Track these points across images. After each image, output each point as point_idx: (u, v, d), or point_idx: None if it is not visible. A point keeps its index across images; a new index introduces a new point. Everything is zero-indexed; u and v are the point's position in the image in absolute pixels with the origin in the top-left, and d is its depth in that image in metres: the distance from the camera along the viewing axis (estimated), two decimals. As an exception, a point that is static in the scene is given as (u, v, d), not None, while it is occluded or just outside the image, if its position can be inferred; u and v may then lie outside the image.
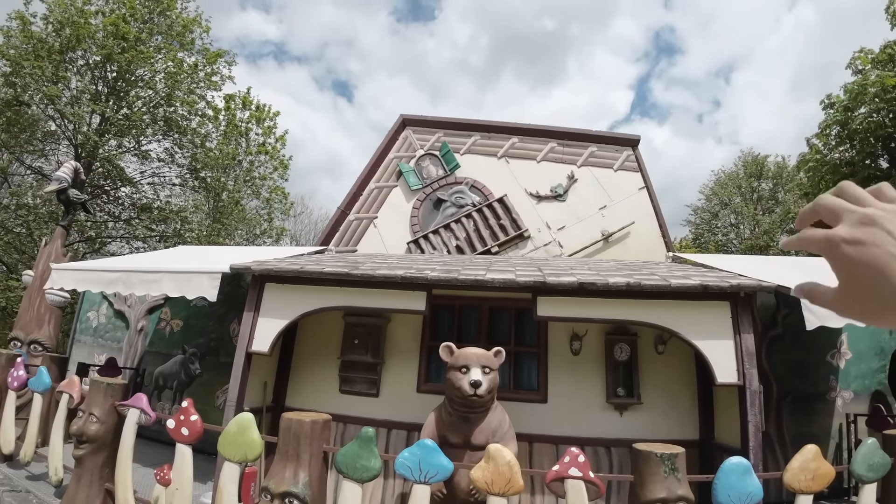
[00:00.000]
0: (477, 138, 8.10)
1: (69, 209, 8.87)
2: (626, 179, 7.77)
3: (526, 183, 7.76)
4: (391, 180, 8.11)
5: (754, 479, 3.40)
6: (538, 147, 7.99)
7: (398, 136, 8.35)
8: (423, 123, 8.37)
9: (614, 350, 5.64)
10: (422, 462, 3.54)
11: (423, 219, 7.81)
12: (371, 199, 8.06)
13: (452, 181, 7.92)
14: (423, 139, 8.26)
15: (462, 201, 7.77)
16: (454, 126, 8.27)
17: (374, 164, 8.17)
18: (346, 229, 7.96)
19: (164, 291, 5.35)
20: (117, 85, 16.42)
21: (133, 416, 4.54)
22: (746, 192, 26.73)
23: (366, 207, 8.02)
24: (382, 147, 8.26)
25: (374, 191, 8.08)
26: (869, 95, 13.92)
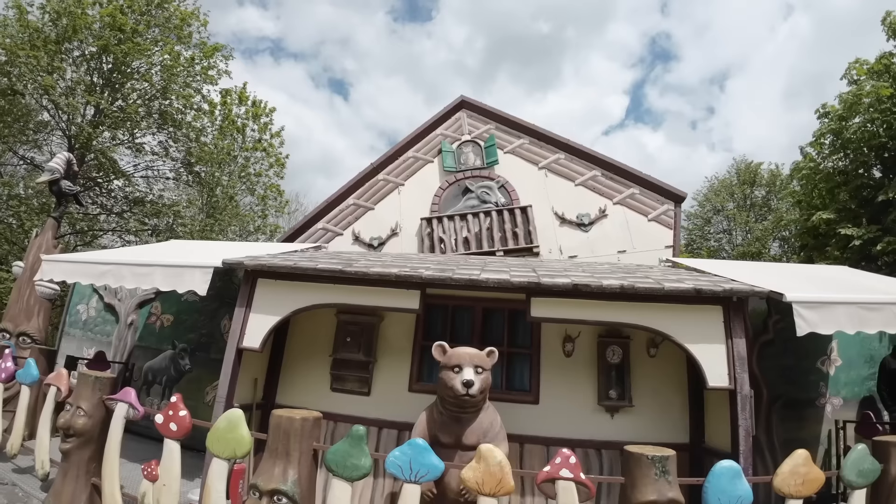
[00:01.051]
0: (525, 142, 7.97)
1: (61, 201, 8.79)
2: (657, 232, 7.61)
3: (555, 201, 7.65)
4: (429, 154, 8.08)
5: (744, 483, 3.41)
6: (581, 170, 7.82)
7: (451, 116, 8.27)
8: (479, 111, 8.26)
9: (607, 352, 5.64)
10: (412, 461, 3.52)
11: (444, 201, 7.79)
12: (404, 166, 8.06)
13: (486, 175, 7.83)
14: (474, 125, 8.19)
15: (487, 197, 7.70)
16: (508, 123, 8.15)
17: (418, 135, 8.14)
18: (371, 186, 8.02)
19: (155, 285, 5.30)
20: (113, 76, 16.31)
21: (121, 411, 4.50)
22: (739, 198, 26.87)
23: (396, 172, 8.04)
24: (432, 121, 8.21)
25: (410, 159, 8.08)
26: (863, 105, 14.03)
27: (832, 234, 14.28)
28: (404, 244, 7.75)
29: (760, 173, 26.33)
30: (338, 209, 8.12)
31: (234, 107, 19.74)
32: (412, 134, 8.18)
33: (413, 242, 7.73)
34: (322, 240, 8.07)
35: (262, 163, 20.88)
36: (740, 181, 26.89)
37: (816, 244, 15.39)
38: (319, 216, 8.18)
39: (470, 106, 8.27)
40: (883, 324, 4.46)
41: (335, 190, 8.31)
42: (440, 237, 7.46)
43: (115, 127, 16.24)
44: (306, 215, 8.36)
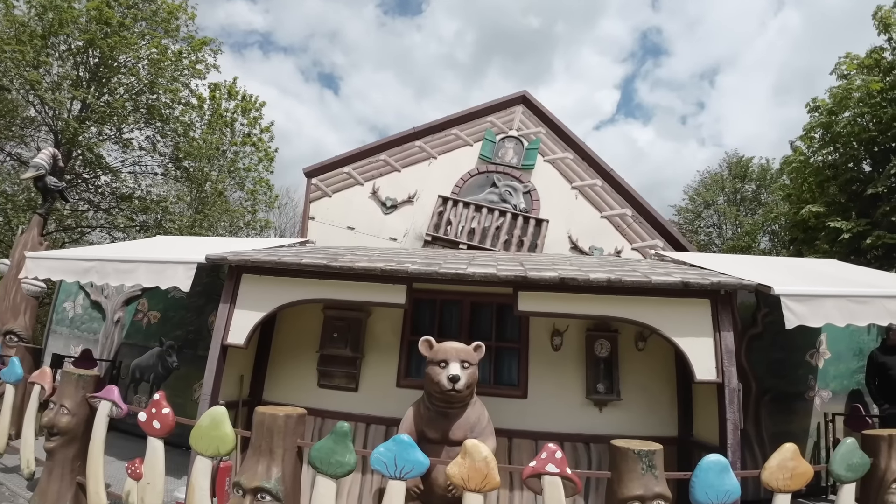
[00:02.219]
0: (568, 156, 7.70)
1: (47, 197, 8.68)
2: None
3: (574, 225, 7.38)
4: (471, 137, 7.92)
5: (732, 477, 3.39)
6: (612, 204, 7.51)
7: (506, 107, 8.07)
8: (536, 111, 8.01)
9: (595, 346, 5.63)
10: (397, 457, 3.49)
11: (468, 186, 7.66)
12: (442, 141, 7.93)
13: (516, 175, 7.65)
14: (524, 124, 7.98)
15: (509, 197, 7.52)
16: (559, 132, 7.84)
17: (466, 115, 8.00)
18: (405, 149, 7.91)
19: (138, 281, 5.23)
20: (99, 71, 16.11)
21: (104, 409, 4.44)
22: (730, 193, 26.97)
23: (434, 144, 7.90)
24: (485, 107, 8.04)
25: (451, 136, 7.94)
26: (853, 100, 14.10)
27: (821, 228, 14.35)
28: (416, 214, 7.60)
29: (751, 168, 26.42)
30: (367, 160, 7.95)
31: (223, 101, 19.57)
32: (461, 112, 8.03)
33: (423, 216, 7.57)
34: (342, 184, 7.89)
35: (252, 157, 20.73)
36: (731, 175, 26.97)
37: (806, 238, 15.47)
38: (347, 161, 7.99)
39: (529, 104, 8.04)
40: (873, 317, 4.46)
41: None
42: (449, 219, 7.38)
43: (101, 122, 16.05)
44: (336, 156, 8.14)
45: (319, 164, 7.98)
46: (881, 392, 6.16)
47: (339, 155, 8.09)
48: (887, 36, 14.01)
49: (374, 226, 7.61)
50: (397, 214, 7.67)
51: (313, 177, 7.89)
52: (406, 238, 7.49)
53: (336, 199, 7.79)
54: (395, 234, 7.56)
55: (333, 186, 7.86)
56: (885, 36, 14.09)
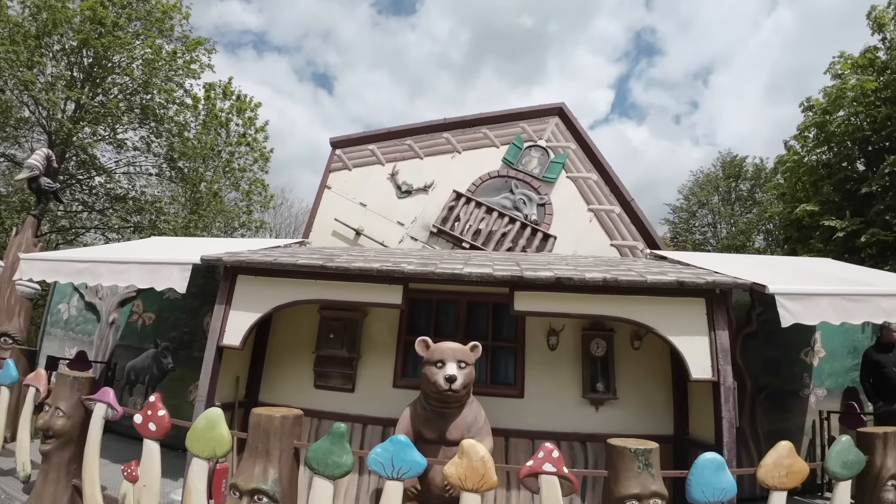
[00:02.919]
0: (593, 178, 7.46)
1: (40, 198, 8.65)
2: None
3: (581, 246, 7.13)
4: (499, 139, 7.82)
5: (728, 475, 3.40)
6: (625, 235, 7.14)
7: (540, 116, 7.93)
8: (570, 126, 7.82)
9: (591, 345, 5.64)
10: (394, 458, 3.48)
11: (484, 187, 7.57)
12: (470, 137, 7.86)
13: (535, 186, 7.50)
14: (555, 136, 7.79)
15: (522, 206, 7.39)
16: (588, 152, 7.60)
17: (499, 116, 7.91)
18: (431, 138, 7.86)
19: (132, 282, 5.21)
20: (93, 71, 16.04)
21: (100, 411, 4.43)
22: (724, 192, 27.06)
23: (460, 140, 7.84)
24: (520, 112, 7.94)
25: (480, 135, 7.86)
26: (847, 99, 14.16)
27: (816, 227, 14.41)
28: (428, 204, 7.53)
29: (745, 167, 26.50)
30: (392, 141, 7.91)
31: (218, 101, 19.52)
32: (494, 113, 7.94)
33: (435, 207, 7.49)
34: (364, 160, 7.87)
35: (247, 157, 20.69)
36: (725, 175, 27.06)
37: (800, 237, 15.53)
38: (374, 139, 7.96)
39: (564, 117, 7.85)
40: (868, 315, 4.48)
41: None
42: (459, 216, 7.35)
43: (95, 122, 16.01)
44: (364, 131, 8.16)
45: (346, 136, 8.00)
46: (876, 390, 6.20)
47: (366, 131, 8.13)
48: (881, 35, 14.08)
49: (386, 207, 7.56)
50: (410, 200, 7.61)
51: (338, 147, 7.91)
52: (413, 225, 7.44)
53: (355, 173, 7.78)
54: (404, 220, 7.49)
55: (355, 161, 7.85)
56: (879, 35, 14.16)
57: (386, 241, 7.32)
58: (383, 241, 7.32)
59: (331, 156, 7.89)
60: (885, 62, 13.78)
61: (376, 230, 7.36)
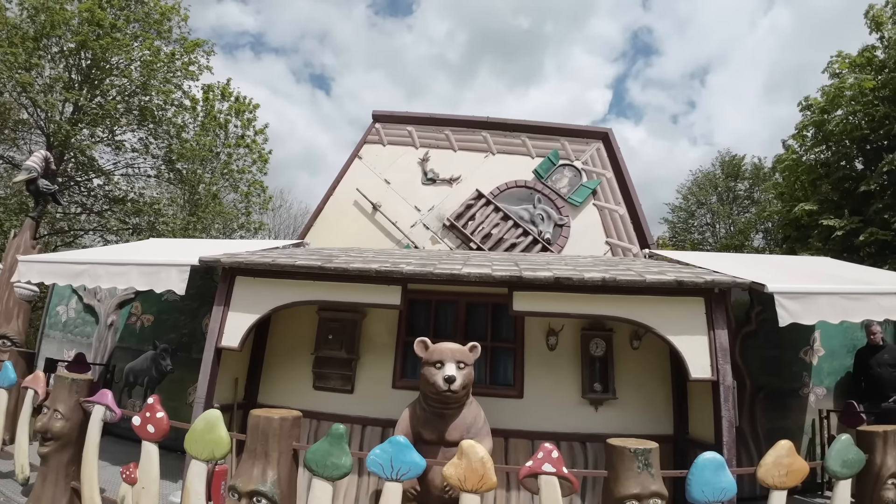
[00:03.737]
0: (619, 212, 7.30)
1: (39, 200, 8.63)
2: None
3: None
4: (535, 150, 7.74)
5: (728, 475, 3.40)
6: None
7: (582, 136, 7.77)
8: (611, 154, 7.58)
9: (590, 345, 5.64)
10: (393, 459, 3.47)
11: (508, 194, 7.52)
12: (507, 142, 7.83)
13: (558, 204, 7.38)
14: (593, 161, 7.59)
15: (539, 222, 7.28)
16: (623, 186, 7.37)
17: (540, 128, 7.85)
18: (470, 133, 7.87)
19: (131, 284, 5.21)
20: (91, 73, 16.02)
21: (98, 413, 4.41)
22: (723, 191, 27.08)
23: (497, 142, 7.82)
24: (564, 128, 7.82)
25: (518, 142, 7.81)
26: (845, 98, 14.17)
27: (814, 226, 14.42)
28: (449, 197, 7.56)
29: (744, 166, 26.53)
30: (430, 127, 7.94)
31: (216, 103, 19.50)
32: (538, 122, 7.88)
33: (455, 202, 7.51)
34: (399, 139, 7.93)
35: (246, 159, 20.67)
36: (724, 174, 27.08)
37: (799, 236, 15.54)
38: (414, 121, 8.00)
39: (608, 143, 7.66)
40: (867, 313, 4.48)
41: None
42: (475, 215, 7.36)
43: (93, 124, 15.98)
44: (406, 111, 8.19)
45: (389, 112, 8.12)
46: (866, 390, 6.22)
47: (408, 112, 8.18)
48: (879, 34, 14.10)
49: (408, 189, 7.61)
50: (433, 189, 7.64)
51: (378, 121, 8.01)
52: (429, 213, 7.46)
53: (388, 149, 7.84)
54: (422, 206, 7.52)
55: (391, 137, 7.92)
56: (877, 34, 14.18)
57: (399, 223, 7.39)
58: (397, 221, 7.39)
59: (370, 127, 8.03)
60: (883, 61, 13.80)
61: (393, 209, 7.45)
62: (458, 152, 7.81)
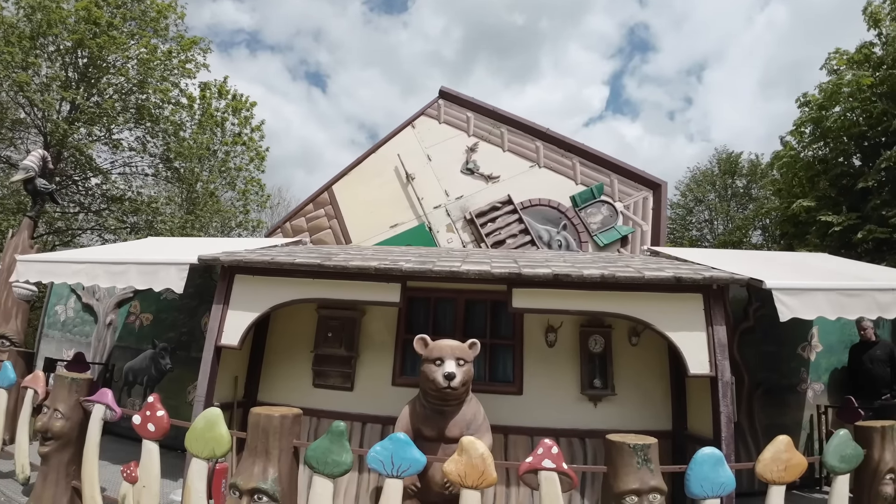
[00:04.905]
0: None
1: (36, 199, 8.62)
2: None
3: None
4: (581, 177, 7.62)
5: (727, 470, 3.42)
6: None
7: (636, 181, 7.56)
8: (655, 208, 7.40)
9: (589, 342, 5.65)
10: (394, 456, 3.49)
11: (537, 209, 7.48)
12: (557, 160, 7.73)
13: (583, 239, 7.27)
14: (636, 209, 7.40)
15: (554, 247, 7.22)
16: (656, 240, 7.27)
17: (595, 158, 7.67)
18: (522, 138, 7.83)
19: (130, 283, 5.20)
20: (88, 71, 16.00)
21: (98, 412, 4.42)
22: (721, 188, 27.10)
23: (548, 156, 7.76)
24: (617, 165, 7.61)
25: (568, 164, 7.70)
26: (843, 95, 14.18)
27: (812, 222, 14.44)
28: (479, 192, 7.61)
29: (741, 163, 26.55)
30: (489, 121, 7.93)
31: (213, 101, 19.48)
32: (596, 151, 7.69)
33: (483, 199, 7.55)
34: (455, 122, 7.96)
35: (243, 157, 20.65)
36: (721, 171, 27.09)
37: (796, 232, 15.57)
38: (476, 109, 8.01)
39: (657, 196, 7.45)
40: (864, 310, 4.49)
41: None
42: (497, 217, 7.39)
43: (91, 123, 15.97)
44: (473, 98, 8.17)
45: (456, 92, 8.16)
46: (860, 386, 6.25)
47: (474, 98, 8.19)
48: (877, 31, 14.11)
49: (445, 171, 7.65)
50: (468, 179, 7.68)
51: (442, 98, 8.05)
52: (455, 202, 7.51)
53: (441, 128, 7.90)
54: (451, 192, 7.56)
55: (448, 117, 7.96)
56: (874, 31, 14.18)
57: (425, 200, 7.49)
58: (423, 198, 7.50)
59: (432, 101, 8.12)
60: (881, 57, 13.81)
61: (424, 186, 7.53)
62: (505, 153, 7.79)
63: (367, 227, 7.84)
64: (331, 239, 7.95)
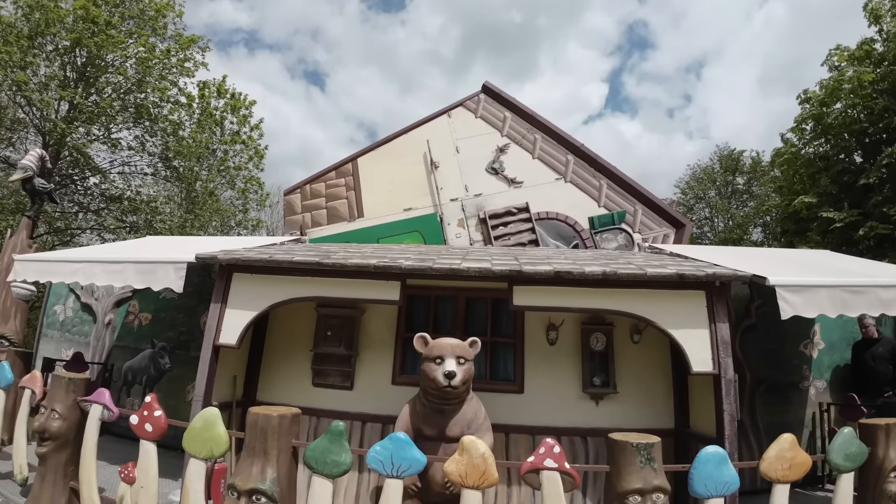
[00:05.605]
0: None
1: (35, 199, 8.59)
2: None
3: None
4: (606, 200, 7.54)
5: (731, 469, 3.38)
6: None
7: (658, 213, 7.48)
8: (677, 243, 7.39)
9: (590, 339, 5.61)
10: (394, 456, 3.45)
11: (552, 223, 7.43)
12: (585, 178, 7.64)
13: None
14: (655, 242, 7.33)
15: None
16: None
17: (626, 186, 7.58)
18: (554, 148, 7.75)
19: (127, 282, 5.16)
20: (87, 70, 15.97)
21: (96, 412, 4.39)
22: (721, 186, 27.06)
23: (577, 172, 7.67)
24: (646, 197, 7.53)
25: (595, 185, 7.60)
26: (844, 91, 14.14)
27: (813, 219, 14.41)
28: (499, 195, 7.60)
29: (742, 161, 26.50)
30: (526, 126, 7.87)
31: (212, 99, 19.44)
32: (625, 177, 7.58)
33: (502, 201, 7.54)
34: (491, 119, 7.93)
35: (242, 156, 20.61)
36: (722, 169, 27.06)
37: (797, 229, 15.53)
38: (514, 109, 7.96)
39: (679, 235, 7.43)
40: (866, 307, 4.45)
41: None
42: (509, 222, 7.35)
43: (89, 122, 15.92)
44: (514, 99, 8.14)
45: (499, 89, 8.13)
46: (863, 383, 6.22)
47: (515, 98, 8.15)
48: (878, 27, 14.06)
49: (469, 166, 7.62)
50: (490, 179, 7.65)
51: (484, 93, 8.04)
52: (472, 199, 7.50)
53: (476, 122, 7.89)
54: (470, 188, 7.54)
55: (484, 113, 7.93)
56: (875, 27, 14.14)
57: (443, 190, 7.46)
58: (442, 188, 7.47)
59: (473, 94, 8.11)
60: (882, 54, 13.77)
61: (445, 176, 7.52)
62: (534, 160, 7.73)
63: (382, 205, 7.86)
64: (344, 209, 7.95)
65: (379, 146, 8.03)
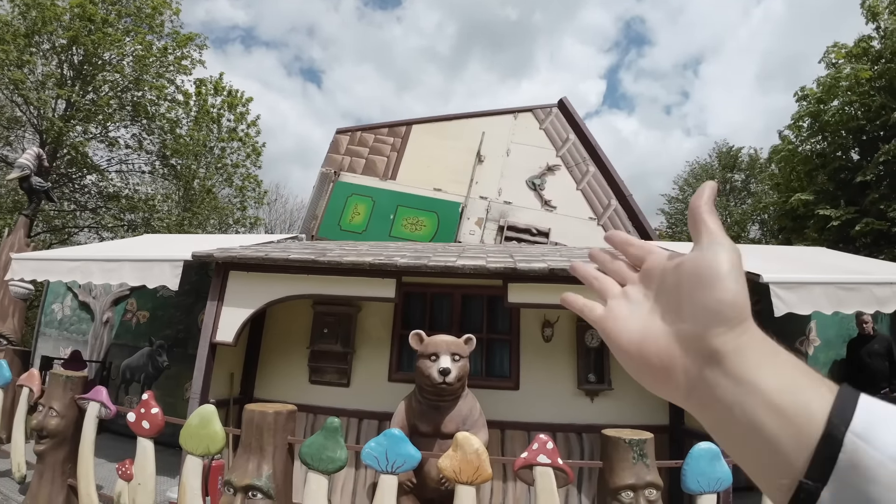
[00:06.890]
0: None
1: (32, 197, 8.60)
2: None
3: None
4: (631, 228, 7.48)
5: (723, 465, 3.40)
6: None
7: None
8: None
9: (585, 336, 5.62)
10: (388, 452, 3.48)
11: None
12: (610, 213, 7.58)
13: None
14: None
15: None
16: None
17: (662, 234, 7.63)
18: (601, 187, 7.69)
19: (124, 280, 5.18)
20: (84, 69, 15.95)
21: (93, 410, 4.41)
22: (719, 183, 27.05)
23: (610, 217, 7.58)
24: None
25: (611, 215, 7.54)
26: (841, 89, 14.15)
27: (810, 216, 14.43)
28: (527, 211, 7.59)
29: (740, 158, 26.52)
30: (584, 155, 7.84)
31: (209, 97, 19.43)
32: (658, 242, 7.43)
33: (528, 219, 7.52)
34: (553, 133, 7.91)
35: (239, 153, 20.60)
36: (721, 166, 27.07)
37: (795, 226, 15.55)
38: (583, 137, 7.91)
39: None
40: (862, 304, 4.47)
41: None
42: (525, 241, 7.37)
43: (87, 120, 15.92)
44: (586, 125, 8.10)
45: (574, 111, 8.08)
46: (858, 380, 6.23)
47: (585, 124, 8.11)
48: (875, 24, 14.07)
49: (511, 171, 7.60)
50: (527, 193, 7.62)
51: (558, 108, 8.05)
52: (501, 205, 7.48)
53: (537, 133, 7.86)
54: (504, 193, 7.56)
55: (548, 128, 7.95)
56: (873, 24, 14.15)
57: (477, 186, 7.47)
58: (477, 182, 7.46)
59: (548, 106, 8.05)
60: (880, 51, 13.78)
61: (486, 174, 7.53)
62: (577, 191, 7.64)
63: (416, 176, 7.89)
64: (381, 166, 8.00)
65: (437, 121, 8.04)
